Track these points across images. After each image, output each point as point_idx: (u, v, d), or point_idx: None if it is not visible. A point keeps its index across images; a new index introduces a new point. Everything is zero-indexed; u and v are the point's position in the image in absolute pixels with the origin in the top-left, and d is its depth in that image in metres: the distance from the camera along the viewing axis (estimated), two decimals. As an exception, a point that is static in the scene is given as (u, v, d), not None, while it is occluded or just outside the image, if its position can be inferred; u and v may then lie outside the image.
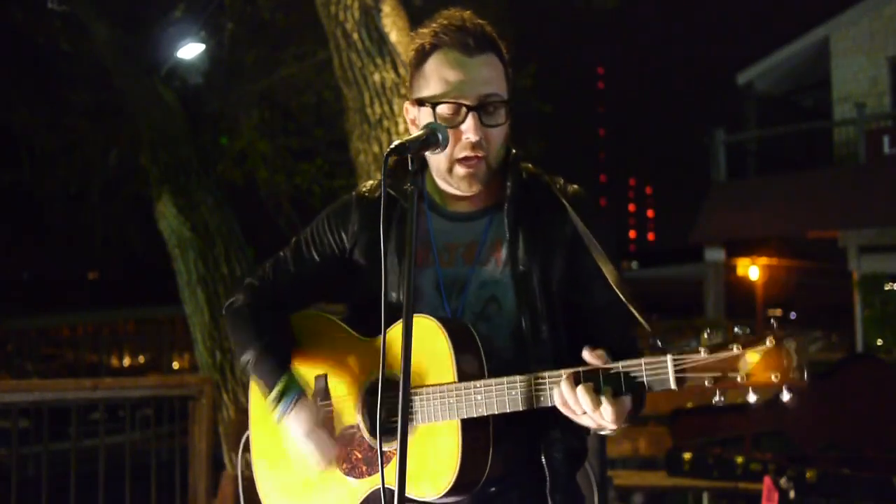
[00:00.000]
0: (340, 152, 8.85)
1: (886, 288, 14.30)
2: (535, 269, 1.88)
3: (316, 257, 2.08)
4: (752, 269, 19.31)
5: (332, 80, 6.86)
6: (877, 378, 5.05)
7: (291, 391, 1.96)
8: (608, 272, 1.83)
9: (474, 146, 1.85)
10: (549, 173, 2.00)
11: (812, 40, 16.50)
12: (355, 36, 5.53)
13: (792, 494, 4.36)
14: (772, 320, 1.54)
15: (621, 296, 1.81)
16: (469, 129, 1.84)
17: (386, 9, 5.60)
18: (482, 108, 1.85)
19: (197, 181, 7.17)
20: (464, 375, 1.76)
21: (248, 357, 2.03)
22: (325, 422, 1.96)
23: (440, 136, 1.76)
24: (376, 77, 5.49)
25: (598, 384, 1.64)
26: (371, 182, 2.09)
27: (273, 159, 9.81)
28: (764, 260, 19.15)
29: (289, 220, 10.42)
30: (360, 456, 1.91)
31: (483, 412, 1.73)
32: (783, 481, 4.37)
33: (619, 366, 1.64)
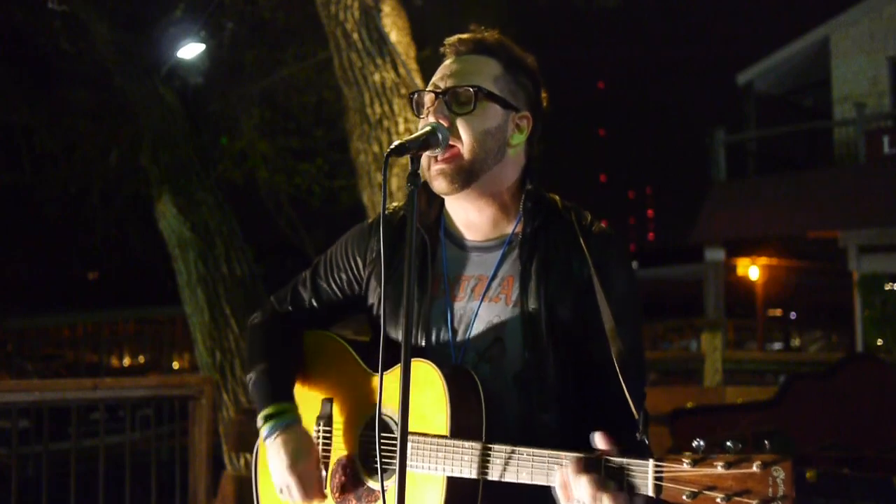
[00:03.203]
0: (340, 152, 8.85)
1: (886, 288, 14.28)
2: (544, 311, 1.80)
3: (332, 286, 2.07)
4: (752, 269, 19.30)
5: (332, 80, 6.87)
6: (877, 378, 5.05)
7: (281, 419, 1.93)
8: (609, 328, 1.73)
9: None
10: (578, 208, 1.92)
11: (812, 40, 16.49)
12: (355, 36, 5.53)
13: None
14: (765, 442, 1.41)
15: (615, 357, 1.71)
16: (432, 111, 1.82)
17: (386, 9, 5.60)
18: (449, 93, 1.82)
19: (197, 181, 7.18)
20: (459, 431, 1.70)
21: (250, 377, 2.03)
22: (314, 453, 1.93)
23: (440, 136, 1.76)
24: (376, 77, 5.49)
25: (600, 474, 1.53)
26: (394, 204, 2.05)
27: (273, 159, 9.81)
28: (764, 260, 19.13)
29: (289, 220, 10.43)
30: (351, 489, 1.90)
31: (469, 475, 1.66)
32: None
33: (611, 459, 1.54)
